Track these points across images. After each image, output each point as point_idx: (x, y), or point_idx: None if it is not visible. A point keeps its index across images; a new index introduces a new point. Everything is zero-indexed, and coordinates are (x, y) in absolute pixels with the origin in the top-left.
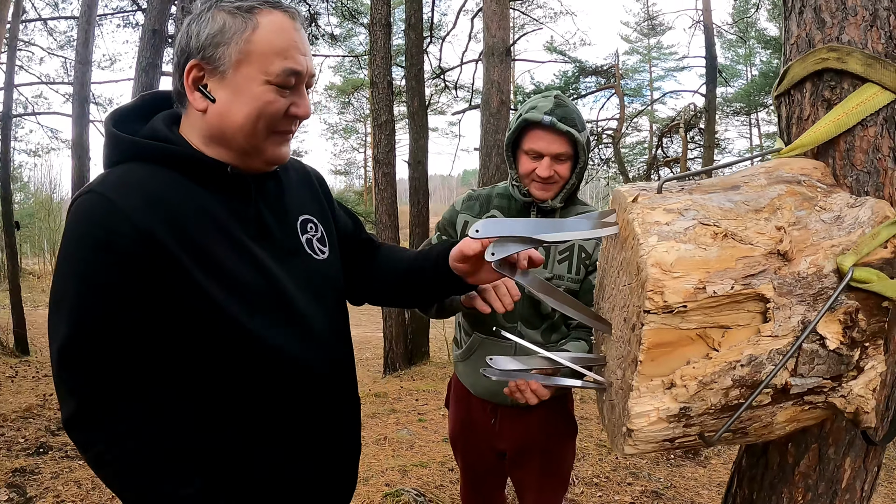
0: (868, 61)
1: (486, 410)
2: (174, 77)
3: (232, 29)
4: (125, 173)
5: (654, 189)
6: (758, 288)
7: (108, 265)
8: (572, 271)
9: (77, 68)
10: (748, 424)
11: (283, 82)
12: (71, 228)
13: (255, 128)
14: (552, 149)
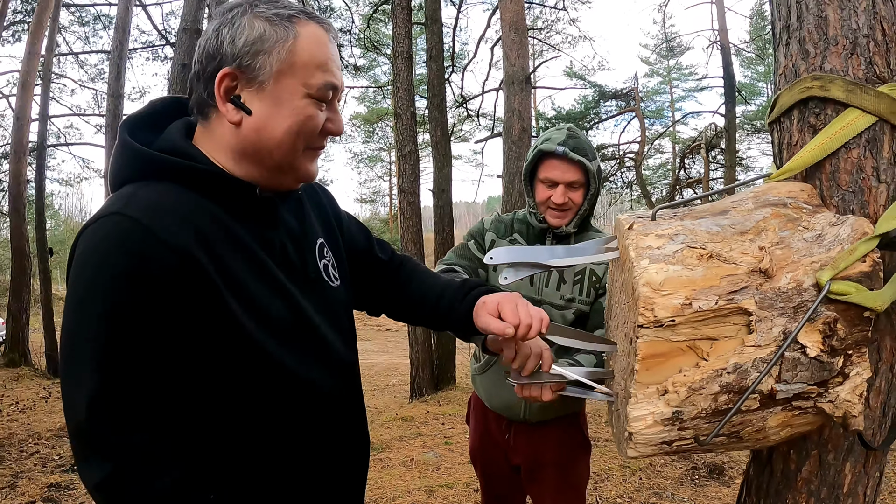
0: (849, 87)
1: (501, 425)
2: (196, 85)
3: (273, 37)
4: (148, 193)
5: (649, 217)
6: (740, 303)
7: (144, 300)
8: (583, 293)
9: (109, 101)
10: (741, 428)
11: (323, 96)
12: (94, 257)
13: (295, 143)
14: (566, 177)
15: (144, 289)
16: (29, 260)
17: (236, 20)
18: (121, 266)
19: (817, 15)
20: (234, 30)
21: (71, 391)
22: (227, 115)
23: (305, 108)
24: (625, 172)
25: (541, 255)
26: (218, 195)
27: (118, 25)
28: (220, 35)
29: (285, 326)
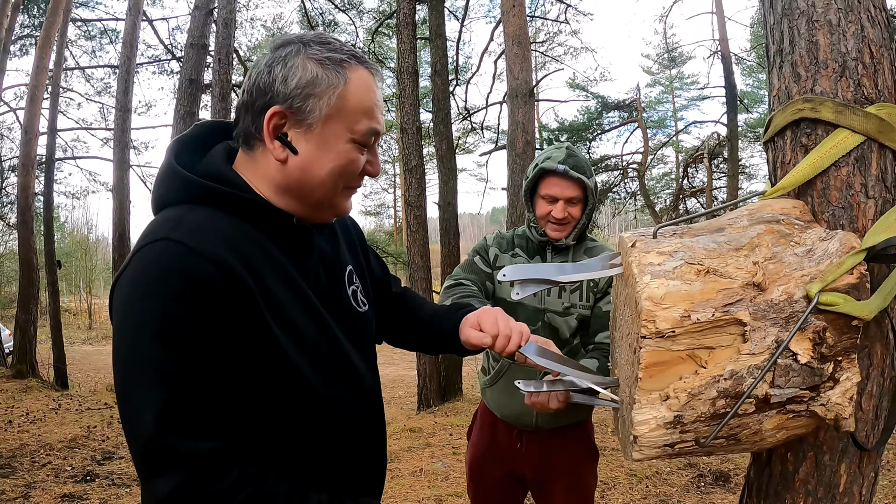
0: (839, 109)
1: (511, 435)
2: (243, 117)
3: (325, 82)
4: (196, 217)
5: (651, 235)
6: (735, 314)
7: (196, 319)
8: (583, 299)
9: (117, 115)
10: (738, 431)
11: (366, 141)
12: (147, 281)
13: (336, 184)
14: (566, 193)
15: (195, 308)
16: (37, 272)
17: (289, 59)
18: (172, 288)
19: (808, 39)
20: (286, 69)
21: (135, 411)
22: (273, 152)
23: (349, 152)
24: (628, 183)
25: (550, 271)
26: (258, 222)
27: (126, 41)
28: (272, 72)
29: (319, 351)
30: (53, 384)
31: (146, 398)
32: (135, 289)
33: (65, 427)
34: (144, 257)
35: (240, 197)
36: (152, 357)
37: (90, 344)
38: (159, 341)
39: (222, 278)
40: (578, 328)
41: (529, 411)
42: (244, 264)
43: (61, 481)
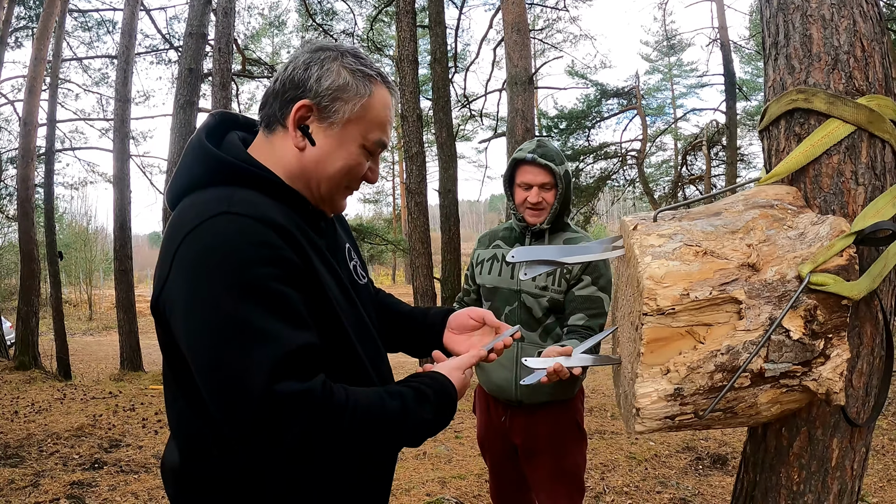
0: (830, 100)
1: (499, 409)
2: (271, 103)
3: (354, 90)
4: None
5: (651, 218)
6: (732, 293)
7: (278, 274)
8: (555, 283)
9: (117, 105)
10: (735, 404)
11: (373, 150)
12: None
13: (341, 181)
14: (538, 179)
15: (273, 270)
16: (38, 263)
17: (326, 63)
18: (249, 255)
19: (802, 33)
20: (322, 70)
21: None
22: (293, 139)
23: (359, 155)
24: (627, 170)
25: (554, 253)
26: (288, 202)
27: (124, 31)
28: (308, 70)
29: (351, 316)
30: (56, 375)
31: (250, 358)
32: (211, 261)
33: (71, 416)
34: (210, 232)
35: (272, 180)
36: (246, 318)
37: (91, 335)
38: (250, 302)
39: (290, 243)
40: (550, 309)
41: (509, 385)
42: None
43: (70, 469)
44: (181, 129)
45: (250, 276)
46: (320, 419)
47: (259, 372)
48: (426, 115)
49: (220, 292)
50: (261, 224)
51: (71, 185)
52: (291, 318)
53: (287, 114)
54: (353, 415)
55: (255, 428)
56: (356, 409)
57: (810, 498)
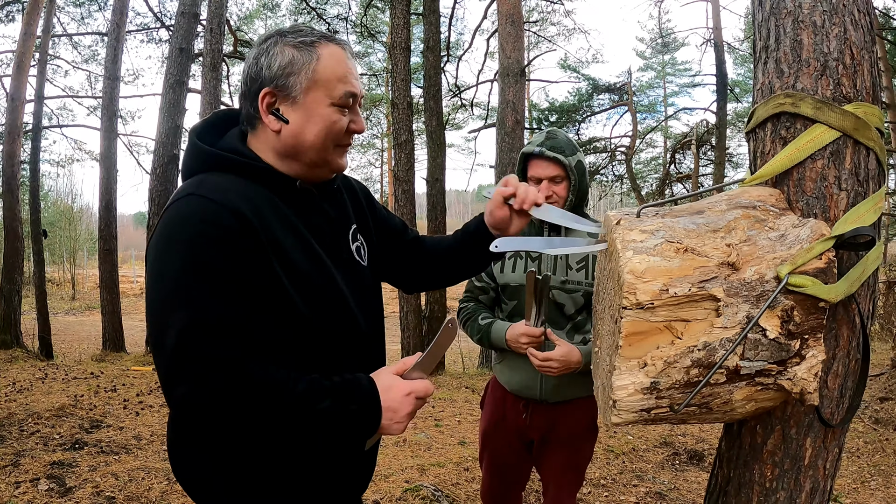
0: (817, 105)
1: (518, 406)
2: (244, 103)
3: (300, 61)
4: (216, 179)
5: (635, 214)
6: (710, 290)
7: (215, 253)
8: (588, 277)
9: (106, 83)
10: (710, 400)
11: (344, 103)
12: (176, 227)
13: (325, 143)
14: (546, 173)
15: (216, 245)
16: (22, 241)
17: (270, 49)
18: (196, 231)
19: (793, 38)
20: (269, 57)
21: (161, 330)
22: (269, 125)
23: (331, 114)
24: (616, 166)
25: (539, 244)
26: (270, 185)
27: (116, 8)
28: (258, 62)
29: (320, 294)
30: (38, 354)
31: (171, 319)
32: (166, 234)
33: (52, 396)
34: (174, 210)
35: (250, 164)
36: (179, 285)
37: (74, 314)
38: (186, 272)
39: (237, 223)
40: (585, 305)
41: (534, 383)
42: (255, 214)
43: (50, 449)
44: (170, 108)
45: (194, 250)
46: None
47: (172, 332)
48: (417, 103)
49: (166, 260)
50: (216, 204)
51: (57, 162)
52: (220, 291)
53: (257, 107)
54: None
55: (167, 383)
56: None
57: (783, 495)
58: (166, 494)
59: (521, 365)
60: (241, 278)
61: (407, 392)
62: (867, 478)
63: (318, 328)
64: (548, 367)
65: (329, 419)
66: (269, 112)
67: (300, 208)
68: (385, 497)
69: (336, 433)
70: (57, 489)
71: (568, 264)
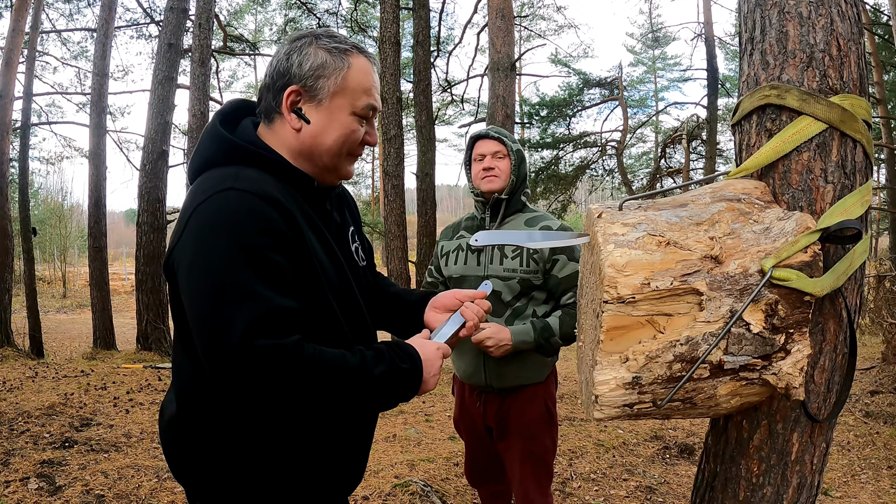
0: (803, 97)
1: (473, 394)
2: (265, 96)
3: (332, 66)
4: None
5: (617, 207)
6: (693, 284)
7: (270, 247)
8: (524, 264)
9: (94, 79)
10: (694, 395)
11: (364, 114)
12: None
13: (340, 150)
14: (490, 148)
15: (270, 240)
16: (11, 240)
17: (304, 48)
18: (250, 225)
19: (779, 29)
20: (301, 56)
21: (223, 325)
22: (290, 122)
23: (351, 123)
24: (606, 160)
25: (520, 238)
26: (292, 181)
27: (104, 4)
28: (290, 58)
29: (340, 290)
30: (29, 353)
31: (234, 314)
32: (215, 228)
33: (42, 395)
34: (217, 204)
35: (276, 160)
36: (237, 279)
37: (64, 312)
38: (242, 266)
39: (284, 217)
40: (522, 291)
41: (479, 370)
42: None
43: (40, 448)
44: (159, 104)
45: (246, 244)
46: (288, 369)
47: (239, 327)
48: (407, 98)
49: (219, 254)
50: (260, 199)
51: (47, 159)
52: (276, 283)
53: (280, 102)
54: (317, 365)
55: (232, 375)
56: (321, 361)
57: (769, 490)
58: (156, 492)
59: (465, 352)
60: (290, 269)
61: (436, 348)
62: (857, 471)
63: (340, 322)
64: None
65: (388, 380)
66: (292, 110)
67: (318, 207)
68: (374, 493)
69: (394, 391)
70: (47, 488)
71: (503, 253)
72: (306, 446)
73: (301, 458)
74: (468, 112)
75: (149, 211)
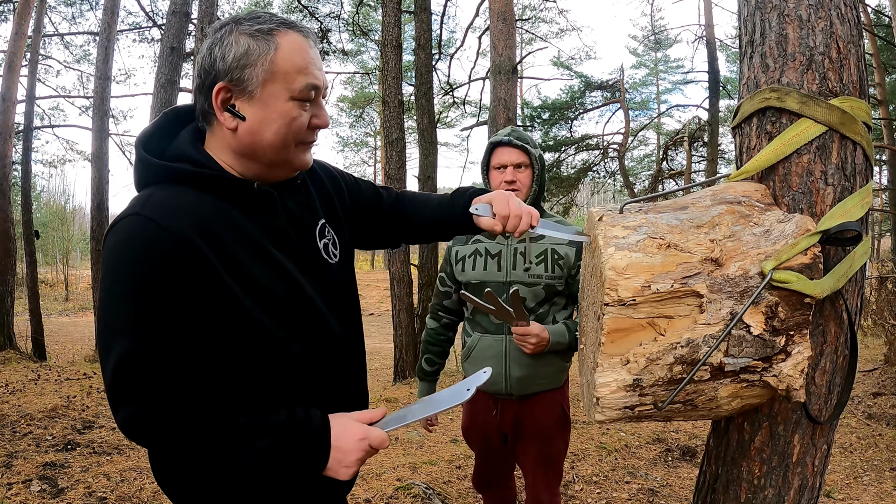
0: (803, 100)
1: (488, 403)
2: (198, 98)
3: (256, 51)
4: (162, 196)
5: (618, 210)
6: (693, 286)
7: (156, 281)
8: (548, 270)
9: (97, 83)
10: (695, 397)
11: (305, 97)
12: (118, 250)
13: (285, 141)
14: (512, 159)
15: (156, 272)
16: (14, 243)
17: (224, 38)
18: (137, 255)
19: (778, 32)
20: (223, 48)
21: (105, 356)
22: (224, 123)
23: (290, 110)
24: (608, 163)
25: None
26: (221, 193)
27: (107, 7)
28: (212, 53)
29: (285, 306)
30: (31, 355)
31: (112, 346)
32: (109, 257)
33: (44, 397)
34: (117, 230)
35: (200, 173)
36: (119, 312)
37: (67, 315)
38: (128, 300)
39: (180, 247)
40: (546, 297)
41: (500, 378)
42: (200, 231)
43: (43, 450)
44: (162, 108)
45: (139, 276)
46: (152, 415)
47: (112, 359)
48: (409, 101)
49: (109, 283)
50: (157, 226)
51: (49, 162)
52: (162, 322)
53: (211, 102)
54: (182, 421)
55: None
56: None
57: (771, 492)
58: (157, 494)
59: (485, 360)
60: (186, 305)
61: (361, 437)
62: (860, 473)
63: (286, 340)
64: (525, 341)
65: (268, 458)
66: (225, 109)
67: (257, 213)
68: (376, 496)
69: (275, 471)
70: (49, 490)
71: (527, 258)
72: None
73: None
74: (471, 114)
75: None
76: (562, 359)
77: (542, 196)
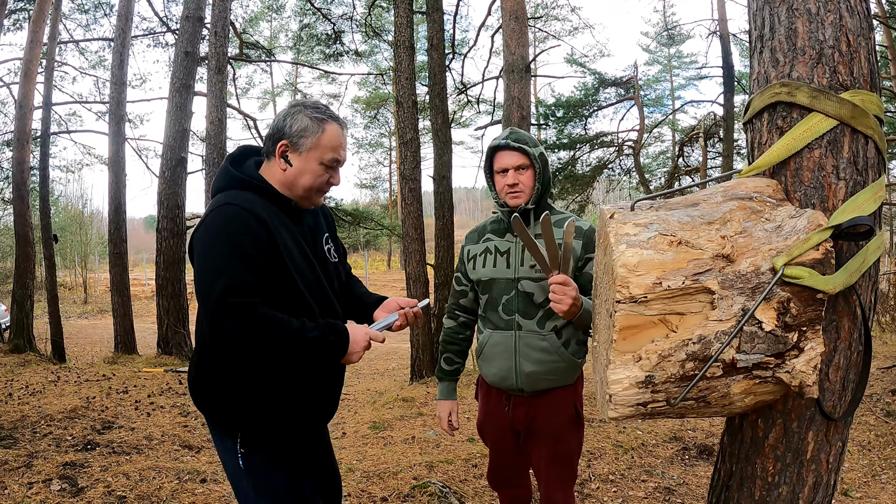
0: (814, 94)
1: (501, 398)
2: (267, 142)
3: (311, 129)
4: (243, 195)
5: (629, 207)
6: (705, 283)
7: (249, 243)
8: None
9: (113, 89)
10: (707, 394)
11: (330, 165)
12: (221, 223)
13: (311, 187)
14: (512, 162)
15: (247, 237)
16: (33, 247)
17: (295, 115)
18: (236, 227)
19: (788, 27)
20: (292, 119)
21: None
22: (279, 164)
23: (320, 170)
24: (623, 160)
25: None
26: (274, 201)
27: (121, 13)
28: (286, 120)
29: (311, 284)
30: (51, 358)
31: (219, 281)
32: (213, 229)
33: (64, 398)
34: (219, 213)
35: (263, 186)
36: (223, 261)
37: (86, 318)
38: (228, 254)
39: (261, 225)
40: None
41: (510, 374)
42: (270, 221)
43: (63, 450)
44: (177, 112)
45: (233, 239)
46: (246, 318)
47: (218, 289)
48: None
49: (213, 245)
50: (246, 212)
51: (67, 168)
52: (248, 266)
53: (274, 150)
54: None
55: (212, 321)
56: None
57: (785, 490)
58: (177, 493)
59: (496, 356)
60: (262, 261)
61: (364, 333)
62: (878, 471)
63: (312, 305)
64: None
65: (316, 343)
66: (281, 156)
67: (292, 220)
68: (393, 494)
69: (320, 353)
70: (69, 489)
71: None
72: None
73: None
74: (485, 112)
75: (168, 217)
76: (573, 354)
77: (547, 193)
